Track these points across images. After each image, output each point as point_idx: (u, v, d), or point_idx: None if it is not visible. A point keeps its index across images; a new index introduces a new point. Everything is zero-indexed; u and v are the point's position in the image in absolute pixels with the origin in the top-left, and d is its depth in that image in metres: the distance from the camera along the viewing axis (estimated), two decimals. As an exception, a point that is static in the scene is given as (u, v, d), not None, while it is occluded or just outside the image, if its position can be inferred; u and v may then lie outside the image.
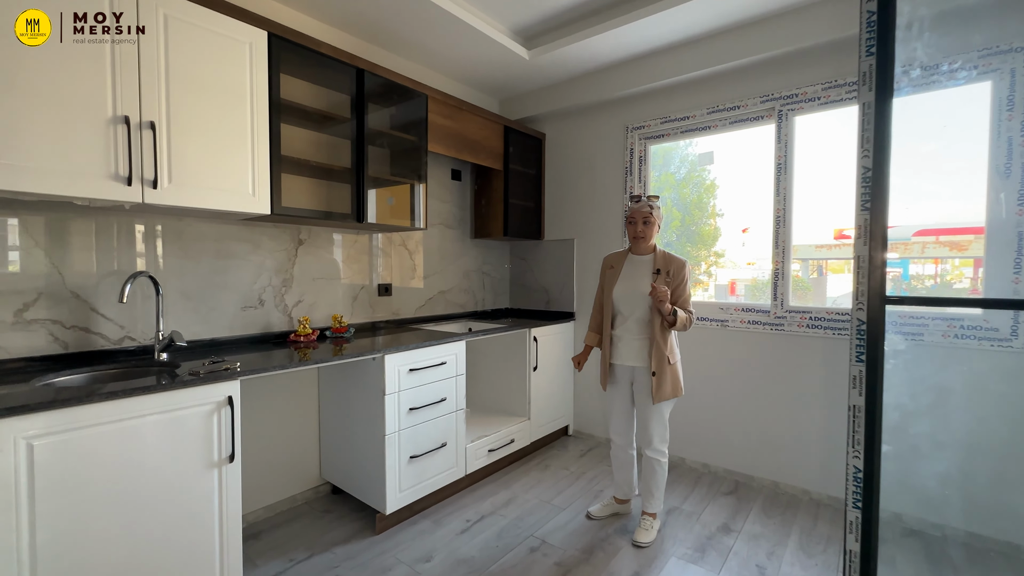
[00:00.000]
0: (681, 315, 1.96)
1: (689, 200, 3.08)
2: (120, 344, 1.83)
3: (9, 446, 1.19)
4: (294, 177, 2.25)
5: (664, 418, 2.08)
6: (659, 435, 2.09)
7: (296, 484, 2.39)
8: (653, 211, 2.05)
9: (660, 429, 2.09)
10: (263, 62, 1.88)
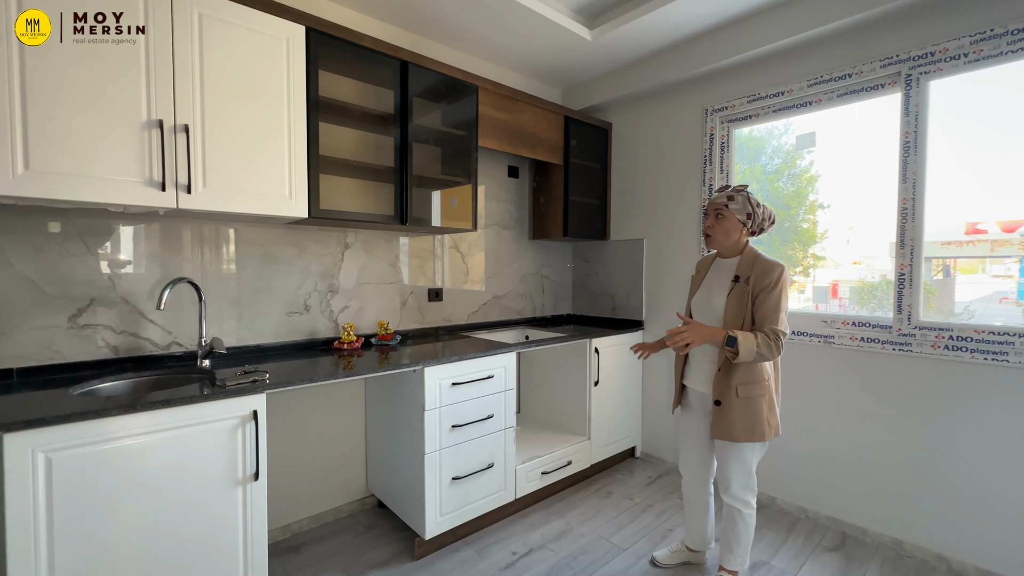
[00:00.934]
0: (746, 343, 1.49)
1: (784, 194, 2.60)
2: (167, 349, 1.84)
3: (27, 459, 1.16)
4: (335, 178, 2.17)
5: (746, 462, 1.67)
6: (739, 480, 1.69)
7: (342, 495, 2.32)
8: (729, 203, 1.65)
9: (741, 474, 1.68)
10: (300, 58, 1.80)
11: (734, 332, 1.52)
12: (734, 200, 1.65)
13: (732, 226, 1.65)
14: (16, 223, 1.55)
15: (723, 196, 1.68)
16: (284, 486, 2.12)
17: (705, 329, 1.55)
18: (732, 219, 1.65)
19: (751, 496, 1.70)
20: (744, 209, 1.64)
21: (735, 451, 1.66)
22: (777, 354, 1.52)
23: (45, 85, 1.33)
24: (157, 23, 1.49)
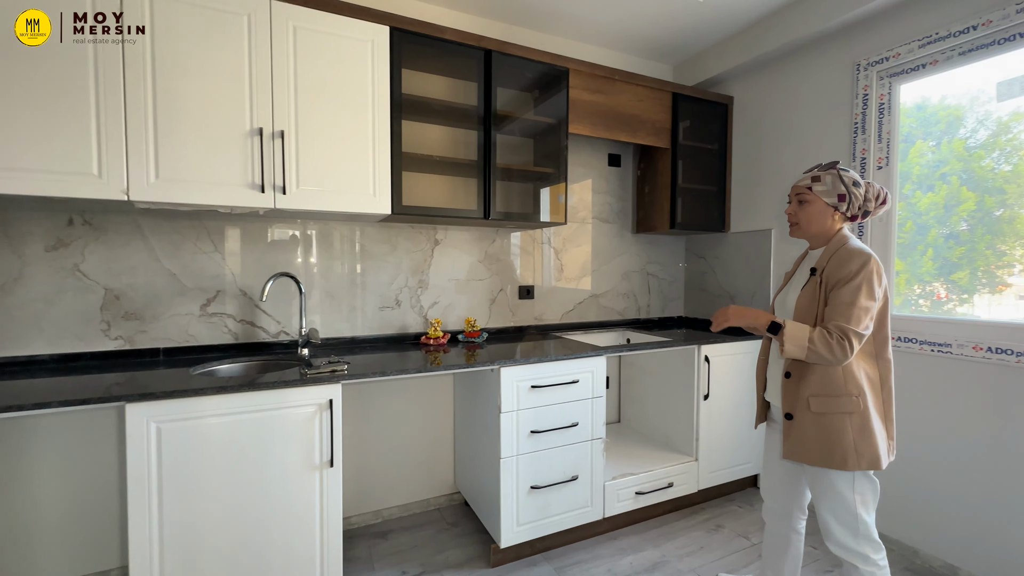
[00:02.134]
0: (794, 333, 1.28)
1: (995, 174, 1.94)
2: (276, 338, 2.04)
3: (143, 427, 1.34)
4: (419, 175, 2.20)
5: (844, 499, 1.31)
6: (841, 522, 1.32)
7: (430, 488, 2.35)
8: (814, 185, 1.39)
9: (842, 514, 1.32)
10: (384, 58, 1.84)
11: (780, 319, 1.32)
12: (820, 181, 1.38)
13: (818, 211, 1.39)
14: (161, 225, 1.83)
15: (807, 178, 1.42)
16: (376, 473, 2.21)
17: (747, 311, 1.38)
18: (818, 203, 1.39)
19: (868, 548, 1.30)
20: (834, 190, 1.37)
21: (824, 480, 1.34)
22: (841, 356, 1.24)
23: (170, 104, 1.54)
24: (258, 40, 1.63)
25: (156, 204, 1.58)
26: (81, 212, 1.71)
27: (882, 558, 1.32)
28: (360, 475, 2.17)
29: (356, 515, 2.17)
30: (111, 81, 1.46)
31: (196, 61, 1.56)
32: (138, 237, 1.80)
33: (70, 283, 1.72)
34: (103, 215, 1.75)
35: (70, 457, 1.72)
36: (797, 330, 1.28)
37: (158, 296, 1.84)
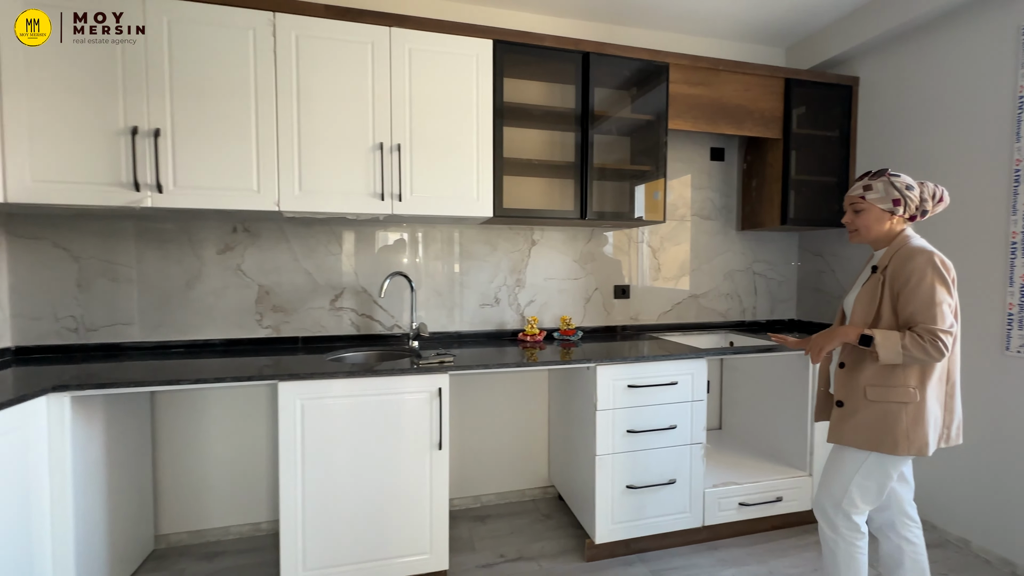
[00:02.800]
0: (886, 342, 1.29)
1: None
2: (390, 330, 2.26)
3: (291, 402, 1.58)
4: (518, 178, 2.29)
5: (843, 473, 1.41)
6: (830, 486, 1.44)
7: (526, 479, 2.45)
8: (867, 194, 1.42)
9: (837, 481, 1.43)
10: (487, 70, 1.95)
11: (869, 331, 1.33)
12: (872, 189, 1.41)
13: (875, 218, 1.43)
14: (300, 231, 2.13)
15: (858, 187, 1.45)
16: (476, 460, 2.35)
17: (834, 332, 1.41)
18: (873, 210, 1.42)
19: (842, 522, 1.42)
20: (887, 196, 1.40)
21: (836, 455, 1.45)
22: (937, 356, 1.27)
23: (310, 127, 1.78)
24: (379, 64, 1.83)
25: (299, 213, 1.84)
26: (242, 221, 2.05)
27: (856, 537, 1.41)
28: (461, 461, 2.32)
29: (458, 497, 2.33)
30: (266, 111, 1.74)
31: (329, 87, 1.80)
32: (283, 241, 2.11)
33: (233, 280, 2.06)
34: (257, 223, 2.07)
35: (231, 423, 2.07)
36: (888, 340, 1.30)
37: (298, 292, 2.13)
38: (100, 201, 1.62)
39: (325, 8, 1.78)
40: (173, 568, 1.88)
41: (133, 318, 1.97)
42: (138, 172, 1.63)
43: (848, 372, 1.42)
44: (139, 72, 1.63)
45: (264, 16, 1.72)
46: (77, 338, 1.92)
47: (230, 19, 1.69)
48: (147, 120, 1.64)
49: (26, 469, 1.35)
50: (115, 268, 1.94)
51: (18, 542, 1.32)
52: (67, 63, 1.56)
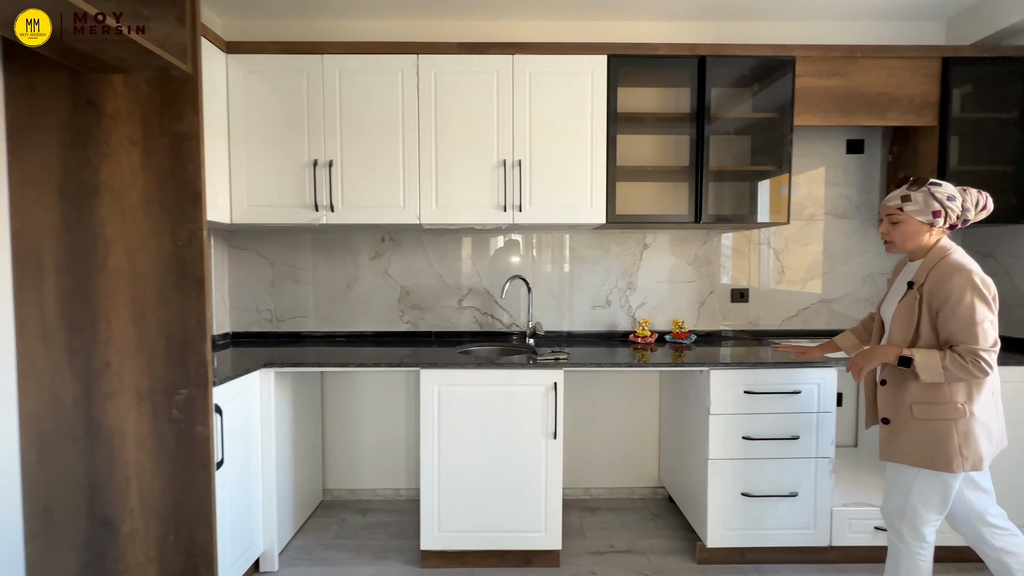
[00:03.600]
0: (926, 363, 1.31)
1: None
2: (509, 328, 2.48)
3: (431, 388, 1.86)
4: (631, 184, 2.35)
5: (904, 487, 1.41)
6: (894, 500, 1.44)
7: (635, 478, 2.51)
8: (905, 205, 1.38)
9: (898, 495, 1.42)
10: (601, 83, 2.06)
11: (909, 351, 1.34)
12: (911, 200, 1.38)
13: (913, 230, 1.40)
14: (434, 239, 2.44)
15: (896, 197, 1.41)
16: (587, 454, 2.47)
17: (873, 352, 1.42)
18: (912, 223, 1.39)
19: (907, 532, 1.41)
20: (927, 208, 1.36)
21: (894, 472, 1.44)
22: (981, 375, 1.29)
23: (445, 148, 2.06)
24: (502, 89, 2.05)
25: (435, 225, 2.13)
26: (389, 232, 2.43)
27: (920, 546, 1.39)
28: (573, 453, 2.46)
29: (569, 487, 2.47)
30: (410, 139, 2.05)
31: (460, 114, 2.06)
32: (420, 248, 2.44)
33: (382, 282, 2.45)
34: (401, 234, 2.43)
35: (379, 402, 2.46)
36: (928, 360, 1.30)
37: (432, 292, 2.45)
38: (291, 220, 2.07)
39: (458, 45, 2.04)
40: (337, 517, 2.31)
41: (309, 312, 2.44)
42: (318, 196, 2.05)
43: (892, 390, 1.41)
44: (318, 116, 2.04)
45: (410, 59, 2.04)
46: (271, 326, 2.44)
47: (385, 65, 2.04)
48: (324, 154, 2.05)
49: (247, 424, 1.80)
50: (297, 272, 2.43)
51: (244, 478, 1.77)
52: (270, 114, 2.03)
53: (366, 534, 2.16)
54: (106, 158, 1.45)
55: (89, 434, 1.49)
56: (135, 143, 1.45)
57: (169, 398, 1.49)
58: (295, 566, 1.93)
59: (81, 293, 1.47)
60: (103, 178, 1.45)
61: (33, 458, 1.48)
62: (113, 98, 1.44)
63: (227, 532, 1.65)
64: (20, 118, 1.43)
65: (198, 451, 1.50)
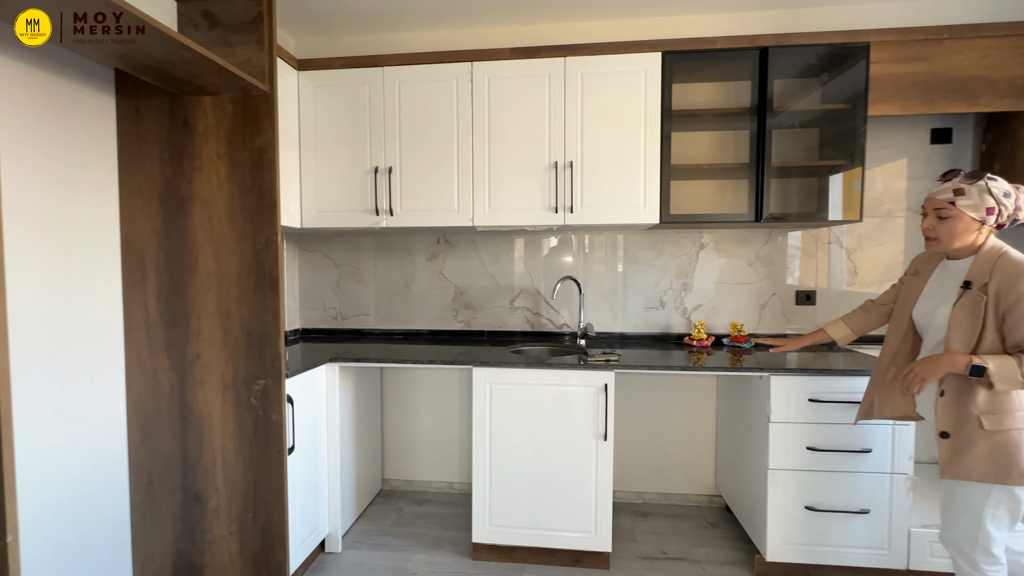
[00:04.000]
0: (1002, 370, 1.21)
1: None
2: (560, 328, 2.49)
3: (483, 385, 1.92)
4: (686, 183, 2.29)
5: (972, 507, 1.30)
6: (962, 526, 1.33)
7: (690, 484, 2.44)
8: (958, 200, 1.29)
9: (968, 520, 1.32)
10: (656, 81, 2.02)
11: (980, 359, 1.23)
12: (964, 195, 1.28)
13: (964, 227, 1.31)
14: (487, 240, 2.50)
15: (947, 191, 1.31)
16: (640, 458, 2.44)
17: (938, 360, 1.30)
18: (963, 219, 1.30)
19: (980, 556, 1.30)
20: (981, 204, 1.28)
21: (956, 488, 1.34)
22: None
23: (498, 152, 2.11)
24: (554, 91, 2.06)
25: (487, 227, 2.19)
26: (444, 234, 2.51)
27: (997, 569, 1.30)
28: (625, 456, 2.43)
29: (620, 490, 2.45)
30: (464, 144, 2.12)
31: (512, 118, 2.10)
32: (474, 250, 2.51)
33: (437, 282, 2.54)
34: (455, 235, 2.51)
35: (433, 397, 2.55)
36: (1004, 368, 1.21)
37: (485, 292, 2.52)
38: (354, 224, 2.20)
39: (511, 51, 2.09)
40: (395, 506, 2.43)
41: (370, 310, 2.59)
42: (378, 201, 2.16)
43: (953, 401, 1.32)
44: (379, 125, 2.16)
45: (464, 67, 2.10)
46: (336, 324, 2.61)
47: (441, 73, 2.12)
48: (384, 160, 2.16)
49: (315, 414, 1.94)
50: (360, 272, 2.58)
51: (312, 464, 1.91)
52: (336, 124, 2.17)
53: (422, 523, 2.26)
54: (198, 171, 1.62)
55: (183, 417, 1.67)
56: (221, 157, 1.61)
57: (248, 388, 1.64)
58: (357, 549, 2.06)
59: (177, 292, 1.65)
60: (195, 189, 1.62)
61: (137, 437, 1.69)
62: (204, 117, 1.61)
63: (297, 513, 1.79)
64: (128, 138, 1.63)
65: (273, 437, 1.64)
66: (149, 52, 1.33)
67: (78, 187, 1.50)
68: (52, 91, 1.41)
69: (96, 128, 1.56)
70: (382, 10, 2.21)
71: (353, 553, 2.03)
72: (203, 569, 1.70)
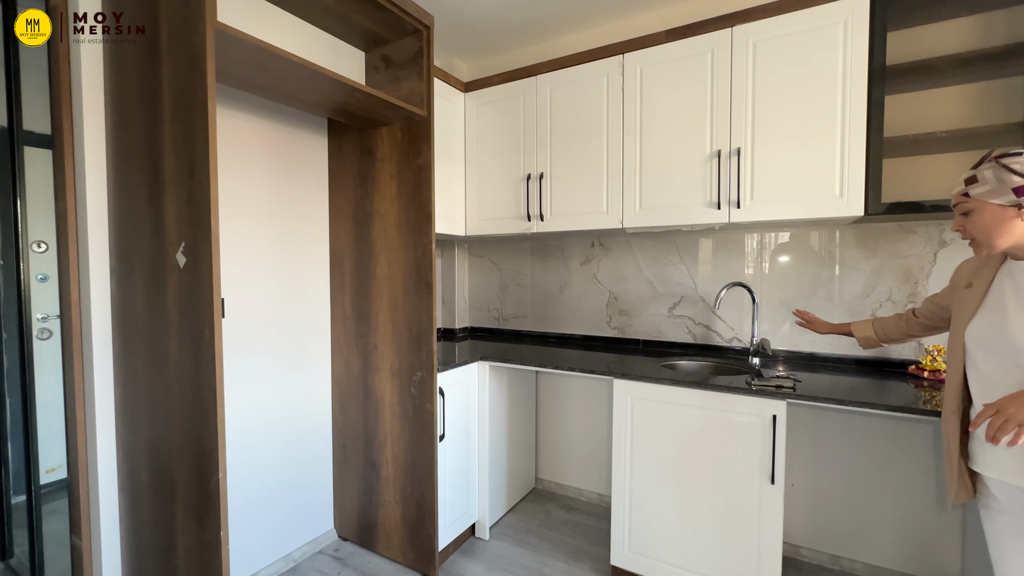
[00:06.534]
0: None
1: None
2: (729, 343, 2.15)
3: (624, 397, 1.79)
4: (911, 159, 1.71)
5: None
6: None
7: (916, 561, 1.82)
8: (971, 189, 1.04)
9: None
10: (862, 33, 1.57)
11: None
12: (977, 182, 1.03)
13: (995, 218, 1.03)
14: (643, 243, 2.33)
15: (959, 182, 1.07)
16: (832, 509, 1.93)
17: None
18: (987, 208, 1.03)
19: None
20: (1004, 186, 1.00)
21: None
22: None
23: (649, 147, 1.94)
24: (719, 69, 1.79)
25: (638, 228, 2.03)
26: (598, 237, 2.44)
27: None
28: (813, 505, 1.96)
29: (808, 548, 1.98)
30: (614, 143, 2.01)
31: (667, 108, 1.90)
32: (629, 253, 2.37)
33: (591, 287, 2.48)
34: (609, 238, 2.41)
35: (586, 403, 2.49)
36: None
37: (641, 298, 2.35)
38: (509, 230, 2.31)
39: (666, 34, 1.89)
40: (545, 507, 2.46)
41: (528, 313, 2.68)
42: (530, 207, 2.23)
43: None
44: (532, 133, 2.21)
45: (615, 61, 2.00)
46: (498, 324, 2.78)
47: (589, 72, 2.06)
48: (536, 167, 2.21)
49: (467, 407, 2.10)
50: (519, 276, 2.70)
51: (463, 453, 2.08)
52: (495, 137, 2.32)
53: (566, 530, 2.23)
54: (377, 191, 1.92)
55: (366, 397, 2.00)
56: (393, 178, 1.88)
57: (409, 377, 1.87)
58: (502, 540, 2.16)
59: (362, 293, 1.99)
60: (375, 206, 1.93)
61: (337, 408, 2.10)
62: (381, 145, 1.91)
63: (447, 495, 1.97)
64: (335, 168, 2.04)
65: (426, 424, 1.84)
66: (334, 97, 1.63)
67: (302, 210, 1.94)
68: (285, 138, 1.86)
69: (315, 163, 2.00)
70: (536, 18, 2.26)
71: (498, 544, 2.13)
72: (376, 527, 2.01)
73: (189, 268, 1.19)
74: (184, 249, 1.19)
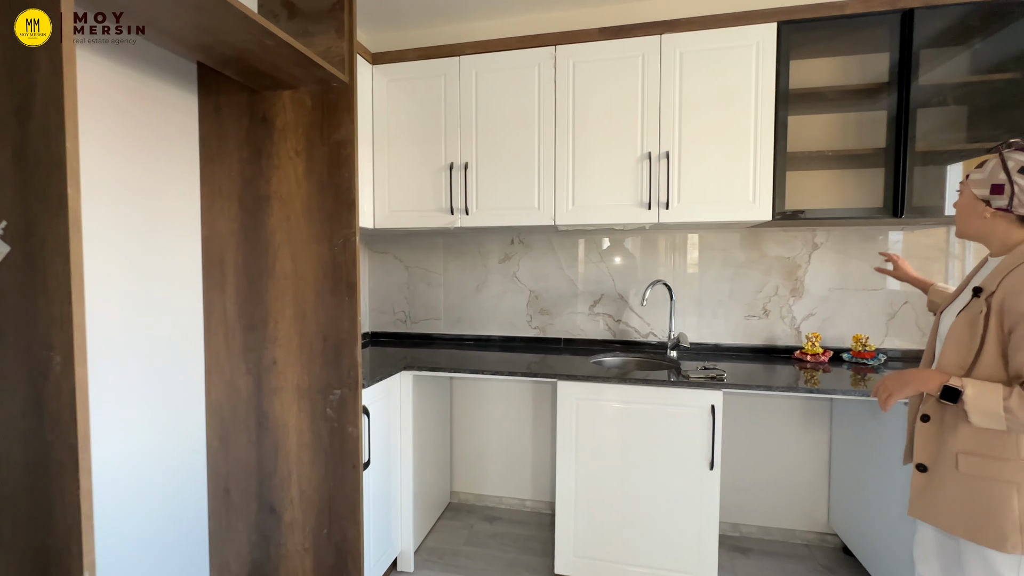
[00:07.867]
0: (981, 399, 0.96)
1: None
2: (645, 338, 2.26)
3: (568, 399, 1.74)
4: (803, 173, 1.99)
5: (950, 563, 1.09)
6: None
7: (796, 520, 2.13)
8: (972, 174, 1.07)
9: None
10: (770, 57, 1.76)
11: (959, 380, 1.00)
12: (981, 169, 1.05)
13: (968, 208, 1.09)
14: (564, 241, 2.32)
15: (976, 162, 1.09)
16: (736, 485, 2.16)
17: (908, 376, 1.09)
18: (967, 194, 1.09)
19: None
20: (988, 179, 1.03)
21: (978, 558, 1.01)
22: None
23: (583, 145, 1.92)
24: (648, 73, 1.84)
25: (571, 226, 2.00)
26: (519, 234, 2.35)
27: None
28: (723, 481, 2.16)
29: (714, 521, 2.18)
30: (546, 136, 1.94)
31: (599, 106, 1.90)
32: (551, 251, 2.33)
33: (510, 286, 2.38)
34: (530, 235, 2.34)
35: (504, 408, 2.40)
36: (984, 397, 0.97)
37: (562, 297, 2.33)
38: (428, 224, 2.09)
39: (599, 31, 1.89)
40: (464, 521, 2.29)
41: (440, 314, 2.47)
42: (453, 199, 2.04)
43: (934, 429, 1.10)
44: (455, 118, 2.03)
45: (547, 52, 1.93)
46: (405, 328, 2.51)
47: (521, 60, 1.96)
48: (459, 156, 2.03)
49: (389, 426, 1.83)
50: (430, 275, 2.47)
51: (386, 479, 1.80)
52: (410, 120, 2.07)
53: (495, 544, 2.11)
54: (276, 169, 1.54)
55: (260, 425, 1.60)
56: (299, 154, 1.53)
57: (324, 397, 1.55)
58: (429, 568, 1.94)
59: (254, 295, 1.58)
60: (273, 188, 1.55)
61: (216, 443, 1.64)
62: (282, 113, 1.53)
63: (371, 531, 1.69)
64: (210, 137, 1.58)
65: (348, 451, 1.53)
66: (232, 42, 1.25)
67: (161, 188, 1.46)
68: (138, 90, 1.37)
69: (179, 127, 1.52)
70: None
71: (426, 574, 1.91)
72: (278, 585, 1.62)
73: (17, 261, 0.76)
74: (5, 230, 0.76)
